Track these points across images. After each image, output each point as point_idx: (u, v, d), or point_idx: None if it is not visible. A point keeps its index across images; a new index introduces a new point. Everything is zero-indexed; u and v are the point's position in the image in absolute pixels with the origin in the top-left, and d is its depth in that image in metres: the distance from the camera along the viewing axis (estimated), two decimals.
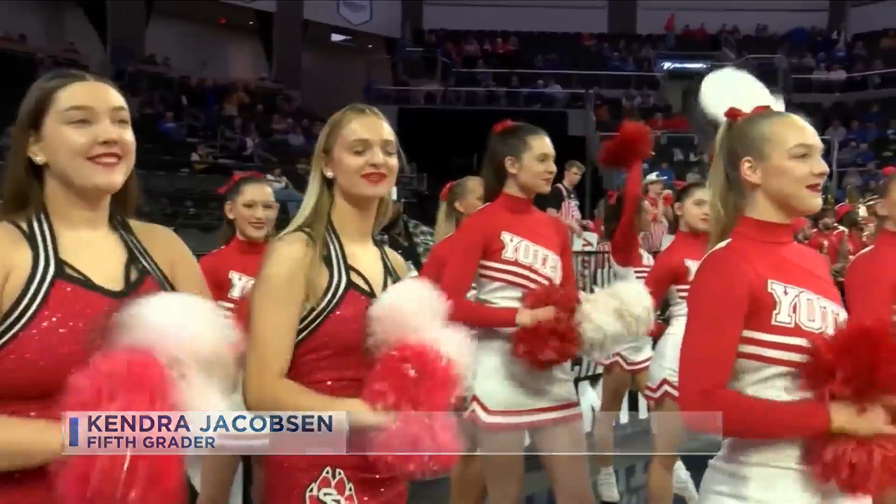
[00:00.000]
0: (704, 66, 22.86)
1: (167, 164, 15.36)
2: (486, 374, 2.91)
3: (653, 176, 9.68)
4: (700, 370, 1.73)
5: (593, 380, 6.08)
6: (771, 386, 1.74)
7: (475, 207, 3.99)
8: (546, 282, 2.97)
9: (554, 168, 3.01)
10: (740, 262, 1.78)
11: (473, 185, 4.13)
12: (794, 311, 1.75)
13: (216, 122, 18.40)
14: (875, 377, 1.63)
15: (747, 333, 1.74)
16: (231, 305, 3.14)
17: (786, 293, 1.76)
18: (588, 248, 9.28)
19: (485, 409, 2.93)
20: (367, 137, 1.87)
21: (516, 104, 20.61)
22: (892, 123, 20.38)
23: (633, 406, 6.20)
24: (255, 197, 3.32)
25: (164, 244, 1.64)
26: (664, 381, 3.83)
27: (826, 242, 8.74)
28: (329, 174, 1.89)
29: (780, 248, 1.85)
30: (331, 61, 24.16)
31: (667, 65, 23.30)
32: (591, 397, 6.05)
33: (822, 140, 1.88)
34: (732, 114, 1.93)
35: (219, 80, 20.83)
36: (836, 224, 9.09)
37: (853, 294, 2.47)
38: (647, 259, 4.78)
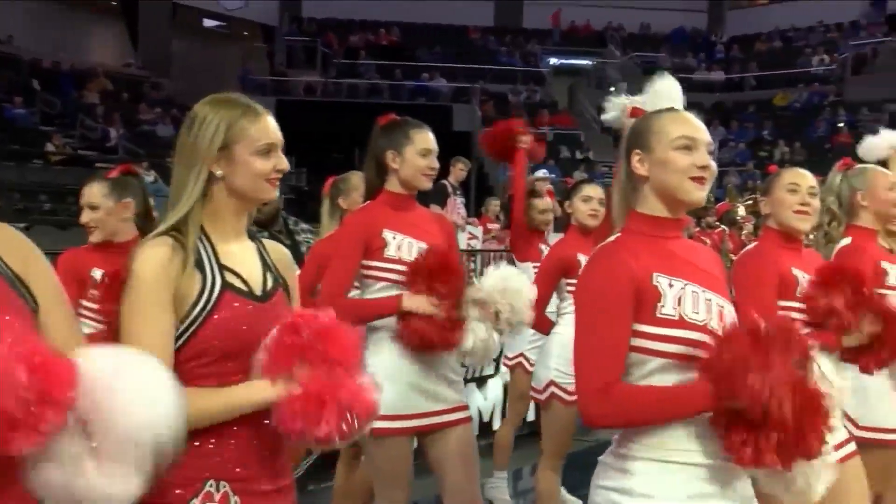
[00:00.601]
0: (590, 62, 23.59)
1: (17, 154, 14.55)
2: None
3: (539, 173, 9.88)
4: (594, 367, 1.78)
5: (479, 382, 6.15)
6: (658, 380, 1.80)
7: (359, 204, 3.99)
8: None
9: (436, 164, 3.03)
10: (626, 255, 1.84)
11: (357, 181, 4.10)
12: (679, 303, 1.81)
13: (74, 109, 17.57)
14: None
15: (634, 326, 1.80)
16: (93, 305, 3.01)
17: (671, 286, 1.83)
18: (473, 242, 9.40)
19: None
20: (275, 141, 1.86)
21: (400, 97, 20.61)
22: (767, 124, 21.65)
23: None
24: (82, 199, 3.21)
25: (12, 241, 1.54)
26: (551, 383, 3.91)
27: (708, 241, 9.16)
28: (219, 173, 1.83)
29: (667, 242, 1.91)
30: (203, 48, 23.51)
31: (553, 60, 23.86)
32: (478, 400, 6.12)
33: None
34: (635, 113, 2.02)
35: (77, 65, 19.88)
36: (716, 223, 9.53)
37: (740, 290, 2.60)
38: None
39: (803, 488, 1.75)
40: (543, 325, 4.01)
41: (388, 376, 2.87)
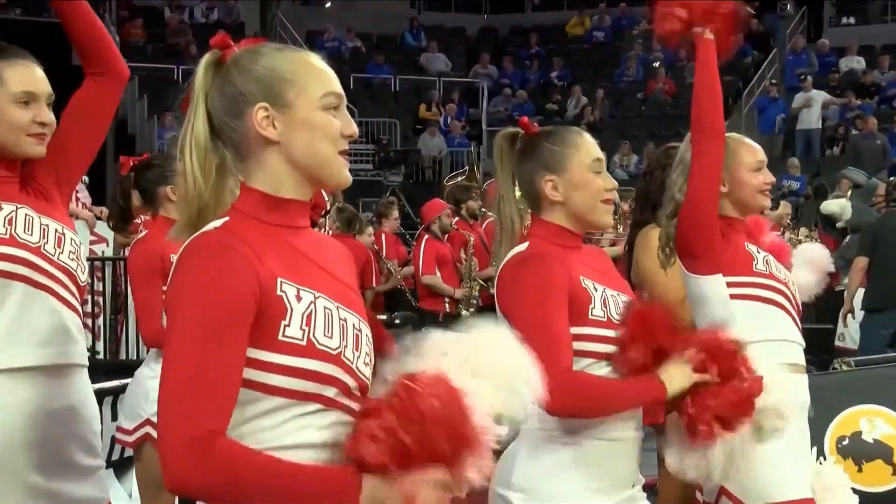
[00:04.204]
0: None
1: None
2: None
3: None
4: (188, 410, 1.89)
5: (118, 466, 6.03)
6: (268, 423, 1.98)
7: None
8: None
9: (47, 115, 2.98)
10: (246, 250, 1.97)
11: None
12: (308, 322, 1.99)
13: None
14: None
15: (251, 353, 1.95)
16: None
17: (299, 298, 2.00)
18: (103, 248, 9.24)
19: None
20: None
21: None
22: (557, 63, 22.82)
23: None
24: None
25: None
26: (146, 422, 4.17)
27: (472, 236, 9.38)
28: None
29: (291, 234, 2.08)
30: None
31: None
32: (117, 495, 5.97)
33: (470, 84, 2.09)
34: (222, 44, 2.12)
35: None
36: (483, 210, 9.73)
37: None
38: None
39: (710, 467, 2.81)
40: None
41: None
